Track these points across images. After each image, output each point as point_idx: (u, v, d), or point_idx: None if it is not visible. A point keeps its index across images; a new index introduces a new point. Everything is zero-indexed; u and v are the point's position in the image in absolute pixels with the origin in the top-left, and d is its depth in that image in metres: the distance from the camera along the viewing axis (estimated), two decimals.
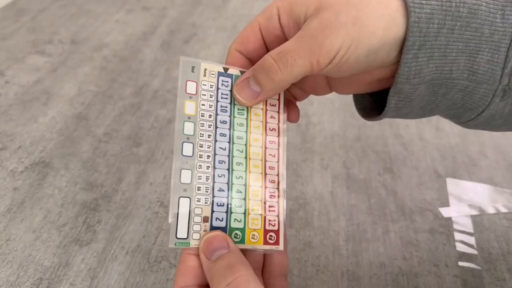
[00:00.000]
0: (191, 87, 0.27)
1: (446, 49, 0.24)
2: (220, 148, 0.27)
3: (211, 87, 0.28)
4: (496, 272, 0.39)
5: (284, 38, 0.28)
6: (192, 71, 0.27)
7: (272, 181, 0.28)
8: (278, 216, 0.27)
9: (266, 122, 0.29)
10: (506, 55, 0.24)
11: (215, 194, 0.26)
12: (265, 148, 0.28)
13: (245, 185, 0.27)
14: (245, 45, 0.28)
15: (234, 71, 0.28)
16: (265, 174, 0.28)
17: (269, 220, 0.27)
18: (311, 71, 0.25)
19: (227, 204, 0.27)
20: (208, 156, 0.27)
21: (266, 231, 0.27)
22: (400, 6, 0.24)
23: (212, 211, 0.26)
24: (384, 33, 0.24)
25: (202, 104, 0.27)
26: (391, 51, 0.25)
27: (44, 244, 0.39)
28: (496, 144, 0.54)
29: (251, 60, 0.29)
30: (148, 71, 0.63)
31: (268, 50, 0.29)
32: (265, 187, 0.28)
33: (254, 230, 0.27)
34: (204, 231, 0.26)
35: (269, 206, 0.27)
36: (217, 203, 0.26)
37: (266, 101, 0.29)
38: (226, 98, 0.28)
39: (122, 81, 0.61)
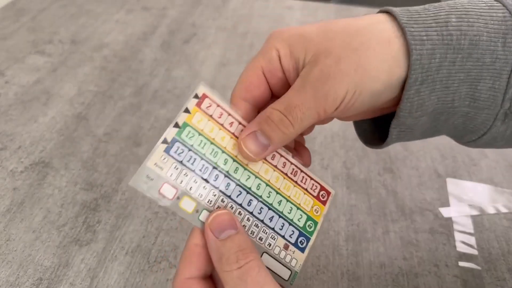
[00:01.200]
0: (167, 191, 0.25)
1: (448, 81, 0.24)
2: (255, 208, 0.27)
3: (177, 168, 0.25)
4: (496, 272, 0.39)
5: (286, 80, 0.27)
6: (151, 179, 0.24)
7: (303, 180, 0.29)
8: (312, 180, 0.29)
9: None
10: (508, 81, 0.24)
11: (281, 234, 0.27)
12: (280, 171, 0.28)
13: (289, 201, 0.28)
14: (251, 92, 0.27)
15: (170, 134, 0.25)
16: (294, 181, 0.28)
17: (311, 188, 0.29)
18: (318, 119, 0.25)
19: (294, 228, 0.28)
20: (256, 225, 0.27)
21: (317, 197, 0.29)
22: (402, 45, 0.24)
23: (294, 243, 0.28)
24: (388, 76, 0.24)
25: (192, 188, 0.25)
26: (394, 90, 0.25)
27: (44, 244, 0.39)
28: None
29: (255, 106, 0.28)
30: (148, 71, 0.63)
31: (272, 92, 0.28)
32: (300, 186, 0.29)
33: (312, 207, 0.28)
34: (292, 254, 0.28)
35: (303, 183, 0.29)
36: (289, 235, 0.28)
37: None
38: (206, 161, 0.26)
39: (122, 81, 0.60)
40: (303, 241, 0.28)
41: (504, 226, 0.44)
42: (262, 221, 0.27)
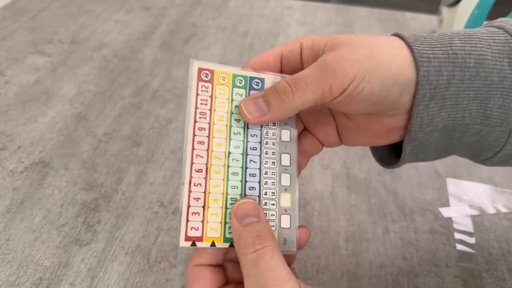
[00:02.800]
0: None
1: (458, 98, 0.25)
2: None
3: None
4: (496, 272, 0.39)
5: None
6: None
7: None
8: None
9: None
10: None
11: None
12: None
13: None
14: (263, 66, 0.29)
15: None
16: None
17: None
18: (322, 98, 0.25)
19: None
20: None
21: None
22: (411, 61, 0.25)
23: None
24: (398, 70, 0.25)
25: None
26: (403, 93, 0.26)
27: (44, 244, 0.39)
28: None
29: None
30: (148, 71, 0.63)
31: None
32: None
33: None
34: None
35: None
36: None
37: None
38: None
39: (122, 81, 0.60)
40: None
41: (504, 226, 0.44)
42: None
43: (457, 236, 0.42)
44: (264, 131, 0.29)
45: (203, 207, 0.26)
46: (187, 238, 0.26)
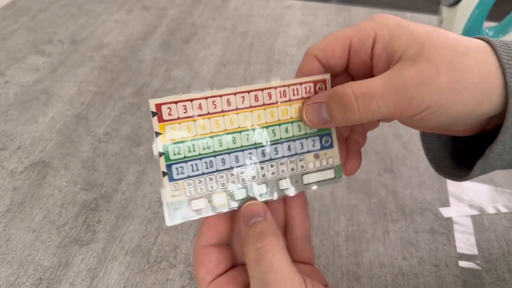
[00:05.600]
0: (198, 205, 0.26)
1: None
2: (269, 153, 0.28)
3: (189, 184, 0.26)
4: (496, 272, 0.39)
5: (369, 65, 0.27)
6: (177, 208, 0.26)
7: None
8: (303, 85, 0.28)
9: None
10: None
11: (304, 151, 0.29)
12: (269, 104, 0.28)
13: None
14: (327, 57, 0.27)
15: (162, 164, 0.25)
16: None
17: (306, 92, 0.28)
18: (389, 117, 0.24)
19: (312, 137, 0.29)
20: (281, 164, 0.28)
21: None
22: (500, 85, 0.23)
23: None
24: (475, 106, 0.23)
25: (212, 186, 0.26)
26: (473, 121, 0.25)
27: (44, 244, 0.39)
28: None
29: (325, 68, 0.28)
30: (148, 71, 0.63)
31: (348, 67, 0.27)
32: None
33: None
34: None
35: (295, 95, 0.28)
36: None
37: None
38: (205, 157, 0.27)
39: (122, 81, 0.60)
40: (327, 140, 0.29)
41: (504, 226, 0.44)
42: (282, 157, 0.28)
43: (457, 236, 0.42)
44: None
45: None
46: None
